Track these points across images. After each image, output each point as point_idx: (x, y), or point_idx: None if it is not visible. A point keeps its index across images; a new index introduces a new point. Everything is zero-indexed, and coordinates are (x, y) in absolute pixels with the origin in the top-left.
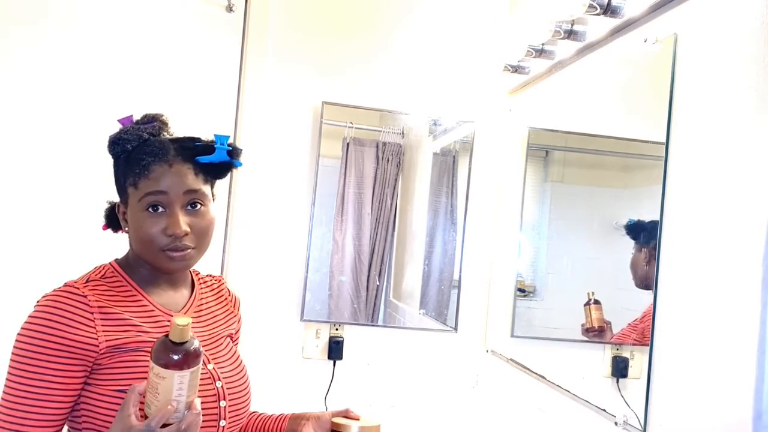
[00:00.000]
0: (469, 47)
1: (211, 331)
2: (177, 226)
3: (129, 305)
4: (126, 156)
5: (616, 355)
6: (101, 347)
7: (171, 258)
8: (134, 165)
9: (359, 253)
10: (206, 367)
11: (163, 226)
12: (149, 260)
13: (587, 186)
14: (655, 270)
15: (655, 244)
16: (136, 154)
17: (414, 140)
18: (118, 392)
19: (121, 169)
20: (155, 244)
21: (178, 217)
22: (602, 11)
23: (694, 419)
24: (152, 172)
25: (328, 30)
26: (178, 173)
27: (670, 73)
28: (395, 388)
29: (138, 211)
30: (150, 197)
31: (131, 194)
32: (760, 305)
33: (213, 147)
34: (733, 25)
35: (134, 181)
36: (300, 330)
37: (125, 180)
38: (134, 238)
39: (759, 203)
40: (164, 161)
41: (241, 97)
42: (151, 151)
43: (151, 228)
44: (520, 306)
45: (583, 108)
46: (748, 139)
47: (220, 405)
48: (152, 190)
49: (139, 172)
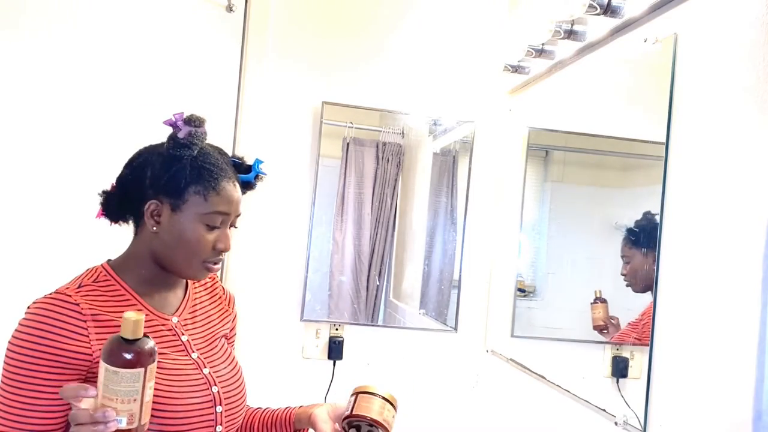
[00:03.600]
0: (469, 47)
1: (206, 332)
2: (227, 243)
3: (122, 310)
4: (192, 161)
5: (616, 355)
6: (95, 356)
7: (208, 270)
8: (204, 175)
9: (359, 253)
10: (202, 372)
11: (215, 241)
12: (179, 266)
13: (587, 186)
14: (655, 270)
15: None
16: (202, 162)
17: (414, 140)
18: None
19: (183, 172)
20: (200, 256)
21: (228, 234)
22: (602, 11)
23: (694, 419)
24: (223, 190)
25: (328, 30)
26: (238, 193)
27: (670, 73)
28: (395, 388)
29: (194, 222)
30: (217, 216)
31: (193, 202)
32: (760, 305)
33: (249, 168)
34: (733, 25)
35: (203, 192)
36: (300, 330)
37: (186, 185)
38: (172, 242)
39: (759, 203)
40: (230, 180)
41: (241, 97)
42: (217, 164)
43: (204, 241)
44: (520, 306)
45: (583, 108)
46: (748, 139)
47: (217, 410)
48: (222, 210)
49: (213, 186)
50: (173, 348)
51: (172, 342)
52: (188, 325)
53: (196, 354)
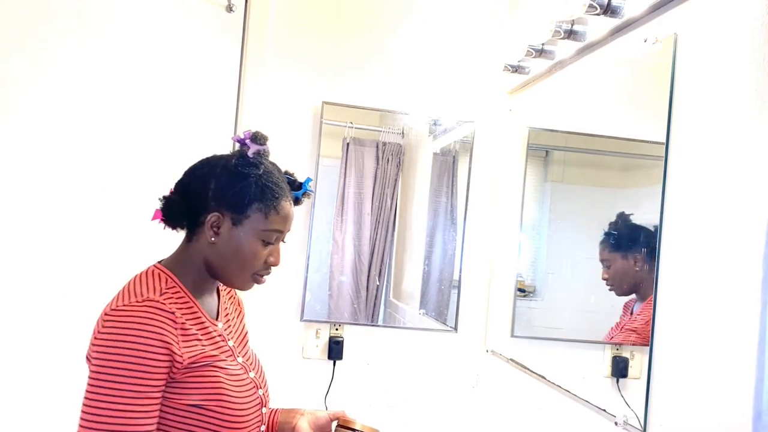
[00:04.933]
0: (469, 47)
1: (239, 335)
2: (278, 259)
3: (191, 318)
4: (257, 179)
5: (616, 355)
6: (185, 363)
7: (257, 282)
8: (268, 194)
9: (359, 253)
10: (249, 376)
11: (267, 256)
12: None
13: (587, 186)
14: (655, 270)
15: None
16: (266, 180)
17: (414, 140)
18: (190, 406)
19: (249, 189)
20: (251, 269)
21: (279, 249)
22: (602, 11)
23: (694, 419)
24: (282, 209)
25: (328, 30)
26: (293, 212)
27: (670, 73)
28: (395, 388)
29: (252, 237)
30: (276, 234)
31: (254, 219)
32: (760, 305)
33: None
34: (733, 25)
35: (264, 210)
36: (300, 330)
37: (250, 201)
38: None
39: (759, 203)
40: (288, 199)
41: (241, 97)
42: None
43: (259, 255)
44: (520, 306)
45: (583, 108)
46: (748, 139)
47: (263, 411)
48: (280, 229)
49: (274, 206)
50: (226, 354)
51: (224, 348)
52: (228, 330)
53: (241, 359)
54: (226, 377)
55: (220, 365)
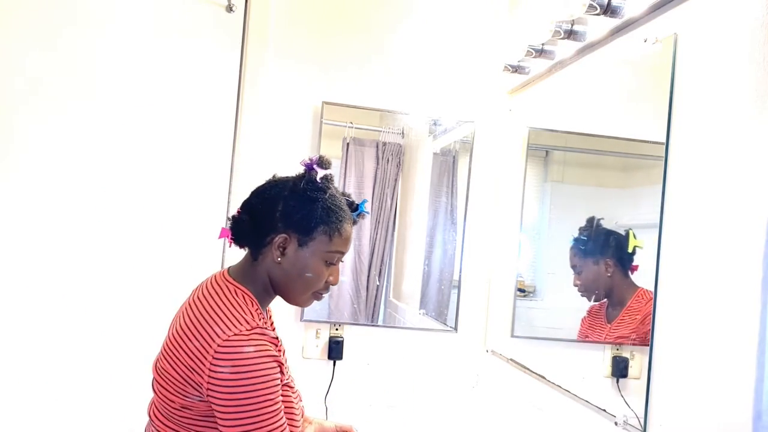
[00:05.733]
0: (469, 47)
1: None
2: (337, 278)
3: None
4: (323, 203)
5: (616, 355)
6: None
7: (316, 299)
8: (333, 217)
9: (359, 253)
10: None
11: (328, 276)
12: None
13: (587, 186)
14: (655, 270)
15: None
16: (331, 204)
17: (414, 140)
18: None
19: (315, 212)
20: (314, 288)
21: (338, 269)
22: (602, 11)
23: (694, 419)
24: (345, 232)
25: (328, 30)
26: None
27: (670, 73)
28: (395, 388)
29: (317, 258)
30: (338, 255)
31: (320, 241)
32: (760, 305)
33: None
34: (732, 25)
35: (329, 233)
36: (300, 330)
37: (316, 225)
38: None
39: (759, 203)
40: (349, 221)
41: (241, 97)
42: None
43: (321, 276)
44: (520, 306)
45: (583, 108)
46: (748, 139)
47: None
48: (342, 251)
49: (338, 228)
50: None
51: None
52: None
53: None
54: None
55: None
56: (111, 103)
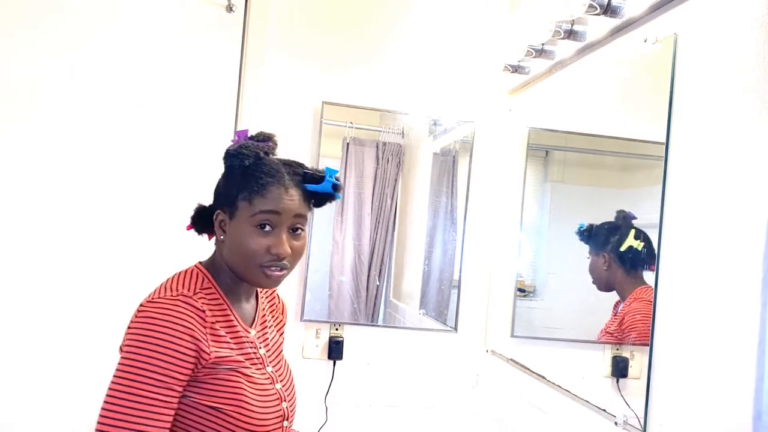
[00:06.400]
0: (469, 47)
1: (273, 345)
2: (282, 247)
3: (222, 321)
4: (242, 170)
5: (616, 355)
6: (210, 359)
7: (267, 276)
8: (251, 181)
9: (359, 253)
10: (275, 387)
11: (268, 245)
12: (242, 273)
13: (587, 186)
14: (655, 270)
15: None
16: (252, 170)
17: (414, 140)
18: (211, 408)
19: (234, 181)
20: (256, 260)
21: (283, 238)
22: (602, 11)
23: (694, 419)
24: (269, 192)
25: (328, 30)
26: (291, 197)
27: (670, 73)
28: (395, 388)
29: (246, 226)
30: (263, 215)
31: (242, 208)
32: (760, 305)
33: (321, 177)
34: (733, 25)
35: (249, 197)
36: (300, 330)
37: (238, 193)
38: (233, 249)
39: (759, 203)
40: (281, 183)
41: (241, 97)
42: (269, 172)
43: (256, 244)
44: (520, 306)
45: (583, 108)
46: (748, 139)
47: (284, 425)
48: (267, 209)
49: (256, 190)
50: (254, 362)
51: (254, 355)
52: (261, 338)
53: (270, 368)
54: (248, 384)
55: (244, 372)
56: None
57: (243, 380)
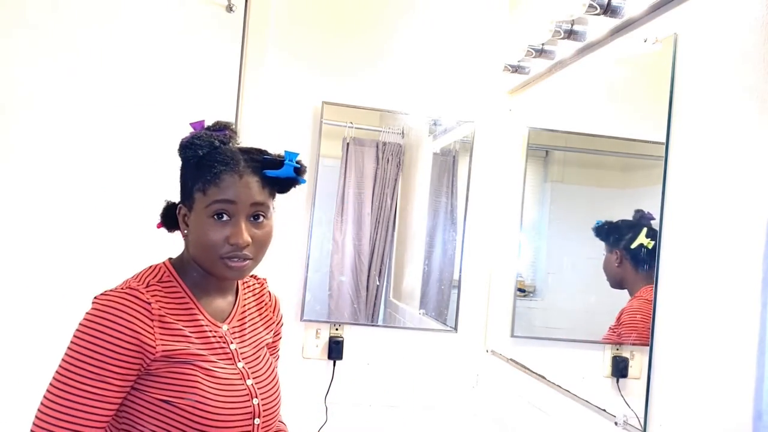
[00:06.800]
0: (469, 47)
1: (252, 342)
2: (240, 236)
3: (181, 314)
4: (197, 161)
5: (616, 355)
6: (157, 353)
7: (228, 267)
8: (205, 171)
9: (359, 253)
10: (245, 383)
11: (227, 235)
12: (205, 266)
13: (587, 186)
14: (655, 270)
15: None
16: (206, 160)
17: (414, 140)
18: (162, 402)
19: (189, 172)
20: (215, 251)
21: (242, 227)
22: (602, 11)
23: (694, 419)
24: (222, 181)
25: (328, 30)
26: (247, 185)
27: (670, 73)
28: (395, 388)
29: (203, 217)
30: (218, 205)
31: (198, 199)
32: (760, 305)
33: (281, 162)
34: (733, 26)
35: (203, 187)
36: (300, 330)
37: (193, 184)
38: (194, 242)
39: (759, 203)
40: (235, 171)
41: (241, 97)
42: (223, 160)
43: (214, 235)
44: (520, 306)
45: (583, 108)
46: (748, 139)
47: (255, 422)
48: (221, 198)
49: (209, 179)
50: (221, 356)
51: (221, 350)
52: (236, 334)
53: (242, 364)
54: (204, 377)
55: (201, 365)
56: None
57: (199, 374)
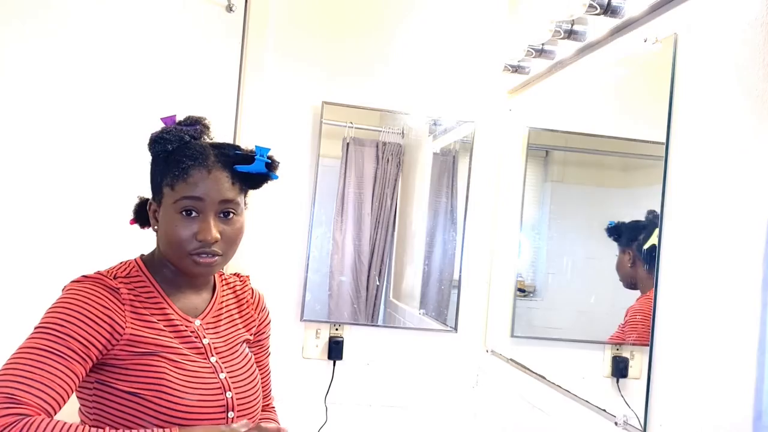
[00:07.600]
0: (469, 47)
1: (228, 337)
2: (208, 233)
3: (150, 307)
4: (166, 156)
5: (616, 355)
6: (125, 334)
7: (197, 263)
8: (173, 166)
9: (359, 253)
10: (218, 377)
11: (195, 231)
12: (175, 262)
13: (587, 186)
14: (655, 270)
15: (637, 245)
16: (176, 155)
17: (414, 140)
18: (129, 394)
19: (159, 168)
20: (184, 248)
21: (210, 223)
22: (602, 11)
23: (694, 419)
24: (191, 177)
25: (328, 30)
26: (216, 180)
27: (670, 73)
28: (395, 388)
29: (171, 213)
30: (186, 201)
31: (166, 195)
32: (760, 305)
33: (252, 157)
34: (733, 26)
35: (171, 183)
36: (300, 330)
37: (162, 179)
38: (163, 238)
39: (759, 203)
40: (204, 167)
41: (241, 97)
42: (192, 155)
43: (182, 231)
44: (520, 306)
45: (583, 108)
46: (748, 140)
47: (228, 416)
48: (189, 195)
49: (177, 175)
50: (193, 350)
51: (193, 344)
52: (210, 329)
53: (215, 358)
54: (172, 369)
55: (169, 357)
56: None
57: (167, 365)
